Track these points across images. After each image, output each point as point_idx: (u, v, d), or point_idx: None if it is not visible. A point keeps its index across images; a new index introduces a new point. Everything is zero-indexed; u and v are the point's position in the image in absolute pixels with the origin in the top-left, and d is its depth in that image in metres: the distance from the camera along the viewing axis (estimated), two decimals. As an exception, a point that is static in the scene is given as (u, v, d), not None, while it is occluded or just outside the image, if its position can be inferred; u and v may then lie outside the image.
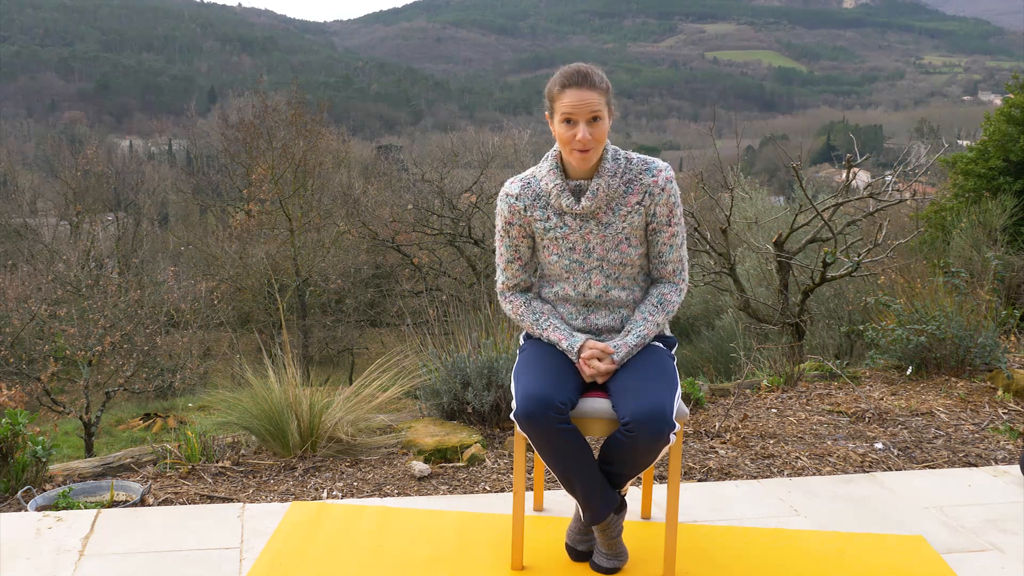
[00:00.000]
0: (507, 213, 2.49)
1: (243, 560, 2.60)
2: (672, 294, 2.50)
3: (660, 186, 2.41)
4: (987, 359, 4.49)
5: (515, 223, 2.50)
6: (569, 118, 2.31)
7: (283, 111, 25.68)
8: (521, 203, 2.47)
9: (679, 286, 2.52)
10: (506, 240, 2.53)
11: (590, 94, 2.30)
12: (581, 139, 2.30)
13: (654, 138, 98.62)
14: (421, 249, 20.69)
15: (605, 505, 2.38)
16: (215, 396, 3.70)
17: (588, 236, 2.44)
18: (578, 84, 2.30)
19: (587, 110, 2.29)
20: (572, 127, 2.31)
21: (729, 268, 6.86)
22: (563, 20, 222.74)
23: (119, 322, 13.66)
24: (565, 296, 2.53)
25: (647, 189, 2.41)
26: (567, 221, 2.44)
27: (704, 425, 3.90)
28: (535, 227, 2.49)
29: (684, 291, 2.52)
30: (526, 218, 2.48)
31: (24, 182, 31.77)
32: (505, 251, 2.55)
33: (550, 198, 2.44)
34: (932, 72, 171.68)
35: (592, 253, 2.45)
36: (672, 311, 2.50)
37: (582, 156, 2.33)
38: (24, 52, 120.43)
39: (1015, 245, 8.70)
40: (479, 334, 3.90)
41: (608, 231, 2.43)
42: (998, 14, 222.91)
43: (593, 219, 2.43)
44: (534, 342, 2.56)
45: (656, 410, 2.22)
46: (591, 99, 2.29)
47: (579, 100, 2.29)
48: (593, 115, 2.30)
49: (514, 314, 2.57)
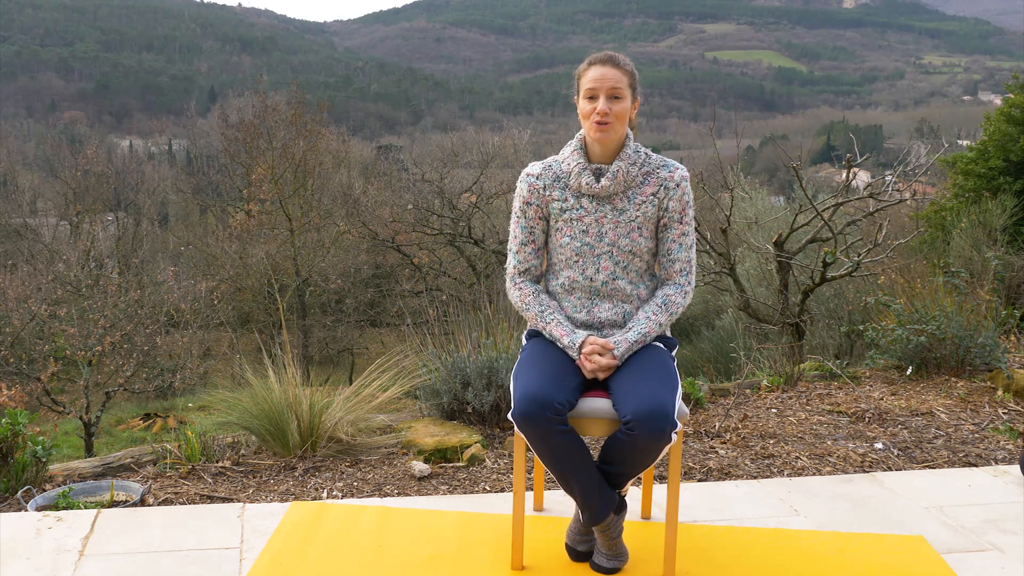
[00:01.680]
0: (526, 192, 2.56)
1: (243, 560, 2.60)
2: (677, 296, 2.53)
3: (676, 182, 2.50)
4: (987, 359, 4.49)
5: (533, 203, 2.56)
6: (592, 94, 2.43)
7: (283, 111, 25.68)
8: (541, 182, 2.55)
9: (684, 288, 2.54)
10: (522, 221, 2.58)
11: (613, 71, 2.43)
12: (600, 110, 2.41)
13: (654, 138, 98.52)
14: (421, 249, 20.68)
15: (604, 506, 2.38)
16: (215, 396, 3.70)
17: (602, 220, 2.50)
18: (603, 62, 2.45)
19: (608, 85, 2.42)
20: (593, 102, 2.43)
21: (729, 268, 6.86)
22: (563, 20, 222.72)
23: (119, 322, 13.65)
24: (571, 285, 2.55)
25: (663, 183, 2.50)
26: (583, 203, 2.51)
27: (704, 425, 3.90)
28: (551, 208, 2.55)
29: (690, 295, 2.55)
30: (544, 198, 2.55)
31: (24, 182, 31.75)
32: (520, 233, 2.59)
33: (570, 178, 2.52)
34: (932, 72, 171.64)
35: (604, 237, 2.50)
36: (675, 313, 2.52)
37: (600, 129, 2.42)
38: (24, 52, 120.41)
39: (1015, 245, 8.69)
40: (479, 334, 3.90)
41: (622, 217, 2.49)
42: (998, 14, 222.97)
43: (609, 203, 2.50)
44: (535, 342, 2.56)
45: (657, 409, 2.23)
46: (614, 75, 2.42)
47: (601, 75, 2.42)
48: (614, 92, 2.42)
49: (521, 301, 2.59)
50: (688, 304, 2.56)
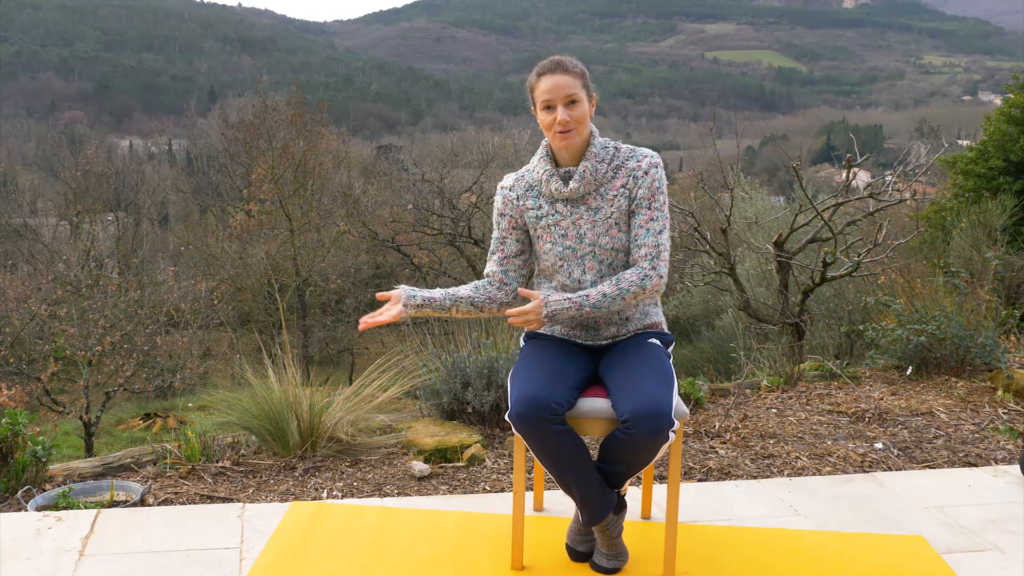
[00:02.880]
0: (500, 204, 2.60)
1: (243, 560, 2.60)
2: (633, 275, 2.43)
3: (644, 170, 2.48)
4: (987, 359, 4.49)
5: (507, 214, 2.59)
6: (548, 104, 2.43)
7: (283, 111, 25.70)
8: (514, 193, 2.58)
9: (646, 271, 2.43)
10: (496, 231, 2.62)
11: (564, 78, 2.41)
12: (561, 120, 2.40)
13: (654, 138, 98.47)
14: (421, 249, 20.69)
15: (603, 506, 2.38)
16: (215, 396, 3.70)
17: (579, 222, 2.50)
18: (551, 70, 2.43)
19: (563, 93, 2.41)
20: (551, 112, 2.42)
21: (729, 268, 6.85)
22: (563, 20, 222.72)
23: (119, 322, 13.65)
24: (563, 289, 2.55)
25: (631, 173, 2.49)
26: (558, 208, 2.52)
27: (704, 425, 3.90)
28: (527, 217, 2.56)
29: (651, 278, 2.42)
30: (518, 208, 2.57)
31: (24, 182, 31.75)
32: (493, 242, 2.64)
33: (541, 185, 2.53)
34: (932, 72, 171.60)
35: (584, 239, 2.50)
36: (627, 290, 2.41)
37: (563, 138, 2.43)
38: (24, 52, 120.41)
39: (1015, 245, 8.69)
40: (479, 334, 3.90)
41: (598, 216, 2.49)
42: (998, 14, 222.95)
43: (583, 204, 2.50)
44: (533, 344, 2.56)
45: (655, 407, 2.23)
46: (566, 82, 2.41)
47: (554, 84, 2.41)
48: (569, 98, 2.41)
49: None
50: (651, 288, 2.43)
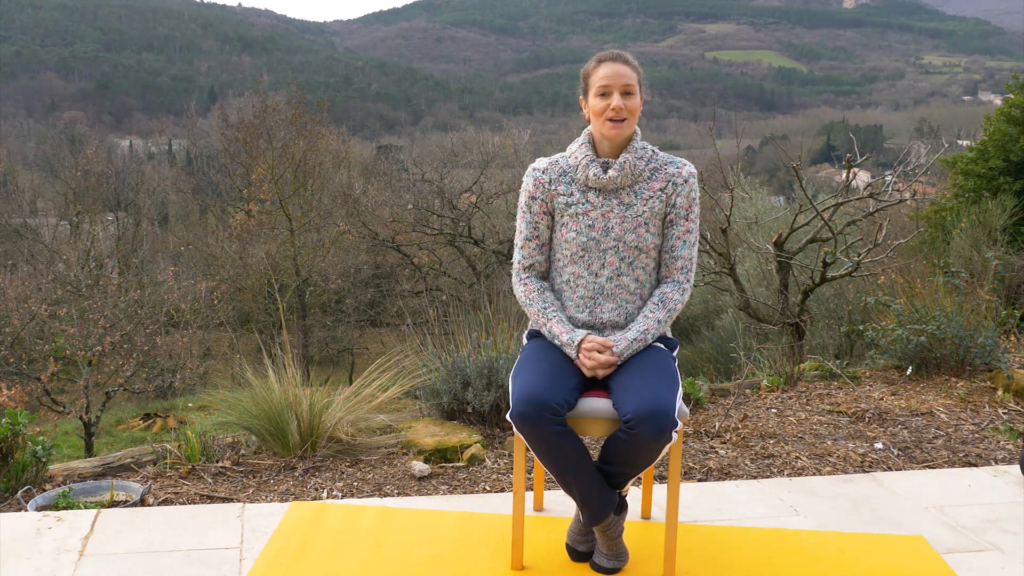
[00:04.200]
0: (531, 187, 2.56)
1: (243, 560, 2.60)
2: (675, 292, 2.53)
3: (683, 178, 2.50)
4: (987, 359, 4.49)
5: (538, 197, 2.56)
6: (605, 90, 2.45)
7: (283, 111, 25.70)
8: (547, 176, 2.56)
9: (683, 286, 2.54)
10: (527, 216, 2.58)
11: (625, 68, 2.46)
12: (616, 106, 2.43)
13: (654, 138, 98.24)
14: (421, 249, 20.70)
15: (604, 506, 2.38)
16: (215, 396, 3.70)
17: (608, 215, 2.50)
18: (613, 59, 2.48)
19: (621, 82, 2.44)
20: (606, 98, 2.44)
21: (729, 268, 6.85)
22: (563, 20, 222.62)
23: (119, 322, 13.65)
24: (576, 281, 2.54)
25: (671, 178, 2.51)
26: (590, 197, 2.52)
27: (704, 425, 3.89)
28: (557, 203, 2.54)
29: (687, 292, 2.55)
30: (549, 192, 2.55)
31: (24, 182, 31.74)
32: (525, 228, 2.60)
33: (576, 172, 2.52)
34: (932, 72, 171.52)
35: (610, 232, 2.50)
36: (674, 310, 2.52)
37: (615, 126, 2.44)
38: (24, 52, 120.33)
39: (1015, 245, 8.68)
40: (479, 334, 3.90)
41: (629, 212, 2.49)
42: (998, 14, 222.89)
43: (615, 197, 2.50)
44: (535, 343, 2.56)
45: (658, 407, 2.23)
46: (625, 72, 2.45)
47: (614, 72, 2.44)
48: (627, 88, 2.45)
49: (526, 296, 2.59)
50: (686, 302, 2.56)
